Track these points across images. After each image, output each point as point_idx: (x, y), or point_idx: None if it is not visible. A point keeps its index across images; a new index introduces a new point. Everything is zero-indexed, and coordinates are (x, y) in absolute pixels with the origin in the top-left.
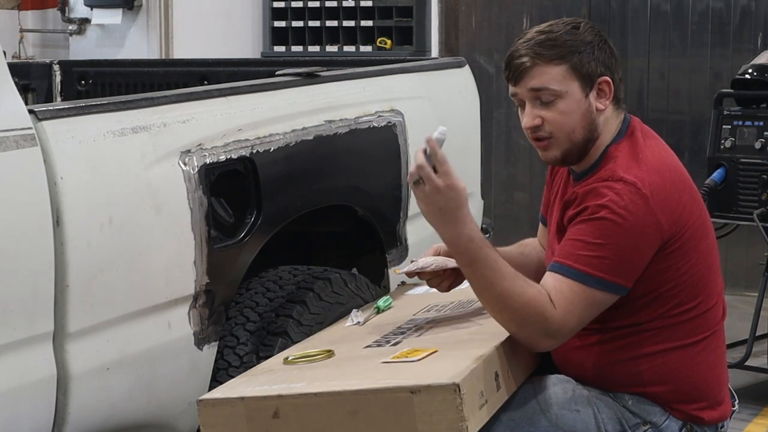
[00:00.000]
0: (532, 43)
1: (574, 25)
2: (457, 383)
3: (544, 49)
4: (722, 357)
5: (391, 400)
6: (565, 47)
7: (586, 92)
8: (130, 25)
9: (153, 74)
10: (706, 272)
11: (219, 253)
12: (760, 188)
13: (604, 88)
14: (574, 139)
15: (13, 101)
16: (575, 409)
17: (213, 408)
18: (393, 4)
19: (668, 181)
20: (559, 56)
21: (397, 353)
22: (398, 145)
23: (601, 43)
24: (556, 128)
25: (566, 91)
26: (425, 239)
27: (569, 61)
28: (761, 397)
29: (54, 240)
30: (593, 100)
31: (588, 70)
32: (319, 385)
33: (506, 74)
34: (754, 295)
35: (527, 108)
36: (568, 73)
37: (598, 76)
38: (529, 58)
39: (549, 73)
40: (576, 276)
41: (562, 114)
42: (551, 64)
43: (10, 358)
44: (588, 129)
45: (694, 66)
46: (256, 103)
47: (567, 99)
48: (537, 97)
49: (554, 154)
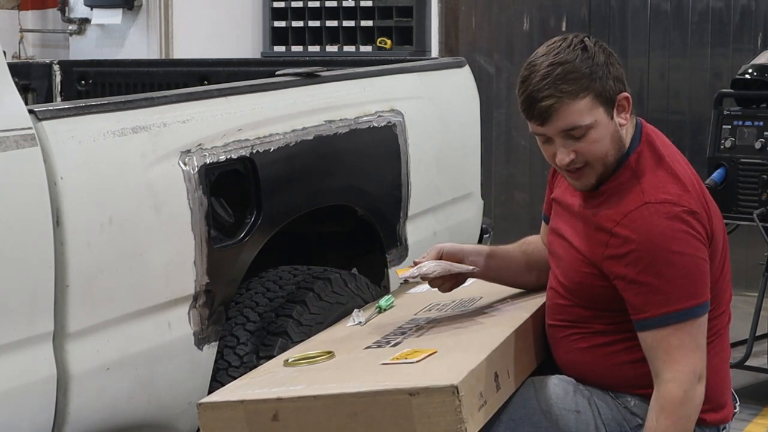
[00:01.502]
0: (552, 79)
1: (582, 47)
2: (455, 385)
3: (567, 84)
4: (726, 361)
5: (390, 403)
6: (586, 77)
7: (611, 114)
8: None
9: (153, 74)
10: (719, 278)
11: (219, 253)
12: (760, 188)
13: (623, 104)
14: (607, 162)
15: (13, 101)
16: (576, 409)
17: (213, 411)
18: (393, 4)
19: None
20: (584, 88)
21: (397, 354)
22: (398, 145)
23: (611, 59)
24: (591, 157)
25: (596, 120)
26: (425, 239)
27: (592, 90)
28: (761, 397)
29: (54, 240)
30: (616, 118)
31: (609, 92)
32: (318, 387)
33: (528, 115)
34: (754, 295)
35: (559, 146)
36: (593, 103)
37: (618, 94)
38: (555, 99)
39: (577, 109)
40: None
41: (594, 143)
42: (577, 99)
43: (10, 358)
44: (618, 148)
45: (694, 66)
46: (256, 103)
47: (597, 128)
48: (568, 136)
49: (590, 181)
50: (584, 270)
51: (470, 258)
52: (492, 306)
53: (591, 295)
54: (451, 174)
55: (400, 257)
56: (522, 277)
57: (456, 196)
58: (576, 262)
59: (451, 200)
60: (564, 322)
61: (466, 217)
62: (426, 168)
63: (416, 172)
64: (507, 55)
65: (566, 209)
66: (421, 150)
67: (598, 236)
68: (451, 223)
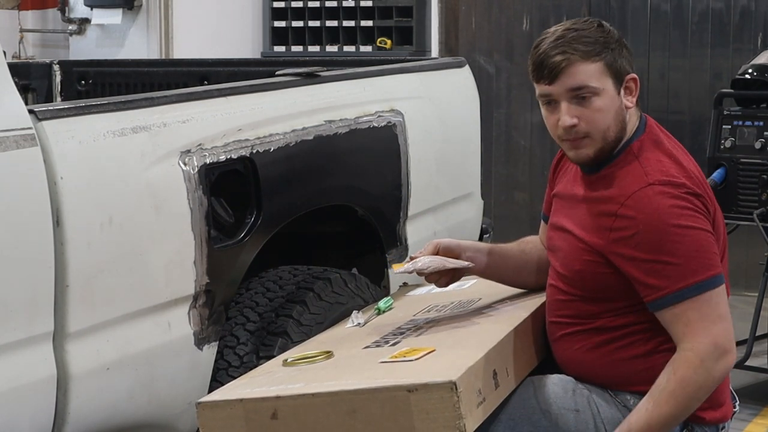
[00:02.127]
0: (565, 40)
1: (598, 23)
2: (453, 381)
3: (581, 45)
4: None
5: (389, 399)
6: (599, 44)
7: (618, 89)
8: (130, 25)
9: (153, 74)
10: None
11: (219, 253)
12: (760, 188)
13: (631, 86)
14: (608, 137)
15: (13, 101)
16: (575, 408)
17: (212, 410)
18: (393, 4)
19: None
20: (596, 53)
21: (396, 353)
22: (398, 145)
23: (623, 41)
24: (593, 126)
25: (603, 88)
26: (425, 239)
27: (604, 57)
28: (761, 397)
29: (54, 240)
30: (623, 98)
31: (619, 67)
32: (317, 385)
33: (537, 75)
34: (754, 295)
35: (564, 107)
36: (603, 70)
37: (627, 74)
38: (566, 56)
39: (587, 70)
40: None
41: (598, 112)
42: (588, 61)
43: (10, 358)
44: (620, 127)
45: (694, 66)
46: (256, 103)
47: (603, 96)
48: (575, 96)
49: (587, 153)
50: (585, 258)
51: (467, 254)
52: (491, 306)
53: (590, 284)
54: (451, 174)
55: (400, 257)
56: (520, 275)
57: (456, 196)
58: (576, 251)
59: (451, 200)
60: (563, 318)
61: (466, 217)
62: (426, 168)
63: (416, 172)
64: (507, 55)
65: (568, 201)
66: (421, 150)
67: (602, 221)
68: (451, 223)
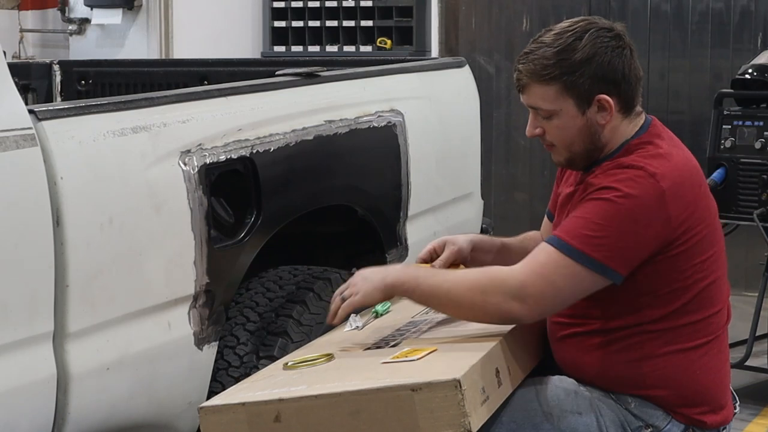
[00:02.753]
0: (528, 59)
1: (577, 37)
2: (457, 379)
3: (537, 67)
4: (725, 361)
5: (393, 399)
6: (556, 68)
7: (582, 109)
8: (130, 25)
9: (153, 74)
10: (715, 277)
11: (219, 253)
12: (760, 188)
13: (603, 105)
14: (574, 150)
15: (13, 101)
16: (577, 411)
17: (214, 415)
18: (393, 4)
19: (688, 182)
20: (550, 77)
21: (397, 353)
22: (398, 145)
23: (603, 56)
24: (555, 139)
25: (560, 109)
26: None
27: (560, 80)
28: (761, 397)
29: (54, 240)
30: (593, 116)
31: (582, 89)
32: (320, 387)
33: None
34: (754, 295)
35: (530, 117)
36: (561, 92)
37: (596, 94)
38: (524, 76)
39: (540, 92)
40: (566, 250)
41: (557, 129)
42: (542, 84)
43: (10, 358)
44: (589, 141)
45: (694, 66)
46: (256, 103)
47: (561, 116)
48: (535, 112)
49: (558, 159)
50: None
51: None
52: None
53: None
54: (451, 174)
55: (400, 257)
56: None
57: (456, 196)
58: None
59: (451, 200)
60: (563, 318)
61: (466, 217)
62: (426, 168)
63: (416, 172)
64: (507, 55)
65: (569, 201)
66: (421, 150)
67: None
68: (451, 223)
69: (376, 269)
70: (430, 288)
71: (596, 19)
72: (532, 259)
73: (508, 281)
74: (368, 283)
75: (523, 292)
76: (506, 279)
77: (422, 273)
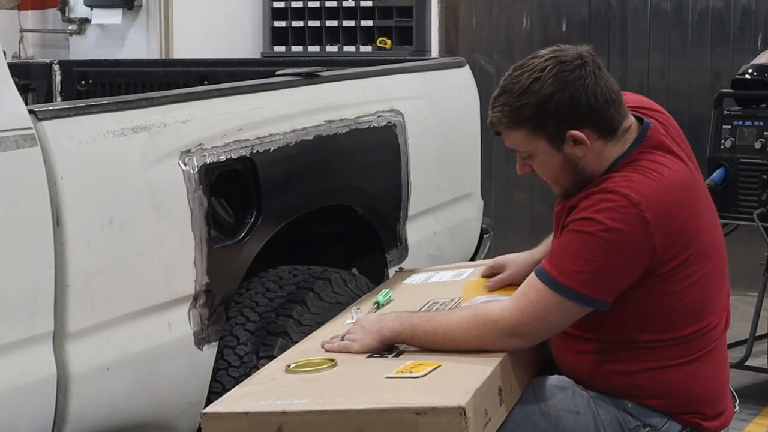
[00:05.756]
0: (495, 105)
1: (534, 78)
2: (462, 406)
3: (503, 115)
4: (723, 368)
5: (396, 421)
6: (519, 113)
7: (557, 147)
8: (130, 25)
9: (153, 74)
10: (709, 293)
11: (219, 253)
12: (760, 188)
13: (578, 139)
14: (562, 184)
15: (13, 101)
16: (575, 411)
17: (216, 422)
18: (393, 4)
19: (677, 205)
20: (516, 123)
21: (401, 367)
22: (398, 145)
23: (562, 93)
24: (542, 176)
25: (534, 150)
26: (425, 239)
27: (526, 125)
28: (761, 397)
29: (54, 240)
30: (570, 150)
31: (550, 130)
32: (324, 402)
33: None
34: (754, 295)
35: (516, 156)
36: (530, 135)
37: (565, 131)
38: (495, 123)
39: (512, 137)
40: (554, 286)
41: (539, 166)
42: (511, 129)
43: (10, 358)
44: (573, 174)
45: (694, 66)
46: (256, 103)
47: (539, 155)
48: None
49: (556, 192)
50: None
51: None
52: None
53: None
54: (451, 174)
55: (400, 257)
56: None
57: (456, 196)
58: None
59: (451, 200)
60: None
61: (466, 217)
62: (426, 168)
63: (416, 172)
64: (507, 55)
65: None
66: (421, 150)
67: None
68: (451, 223)
69: (374, 319)
70: (426, 335)
71: (558, 50)
72: (523, 297)
73: (500, 322)
74: (366, 335)
75: (517, 330)
76: (498, 320)
77: (416, 321)
